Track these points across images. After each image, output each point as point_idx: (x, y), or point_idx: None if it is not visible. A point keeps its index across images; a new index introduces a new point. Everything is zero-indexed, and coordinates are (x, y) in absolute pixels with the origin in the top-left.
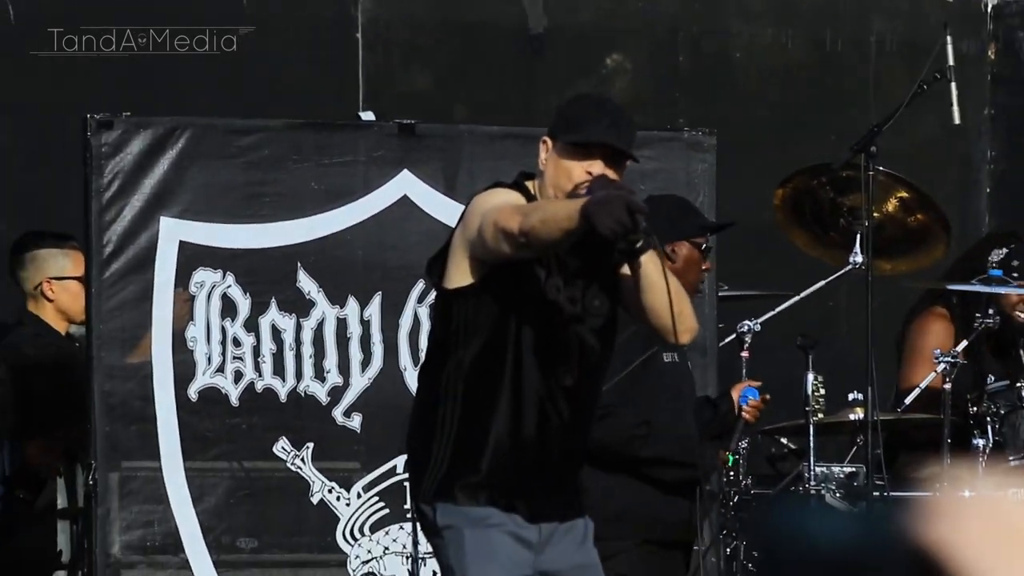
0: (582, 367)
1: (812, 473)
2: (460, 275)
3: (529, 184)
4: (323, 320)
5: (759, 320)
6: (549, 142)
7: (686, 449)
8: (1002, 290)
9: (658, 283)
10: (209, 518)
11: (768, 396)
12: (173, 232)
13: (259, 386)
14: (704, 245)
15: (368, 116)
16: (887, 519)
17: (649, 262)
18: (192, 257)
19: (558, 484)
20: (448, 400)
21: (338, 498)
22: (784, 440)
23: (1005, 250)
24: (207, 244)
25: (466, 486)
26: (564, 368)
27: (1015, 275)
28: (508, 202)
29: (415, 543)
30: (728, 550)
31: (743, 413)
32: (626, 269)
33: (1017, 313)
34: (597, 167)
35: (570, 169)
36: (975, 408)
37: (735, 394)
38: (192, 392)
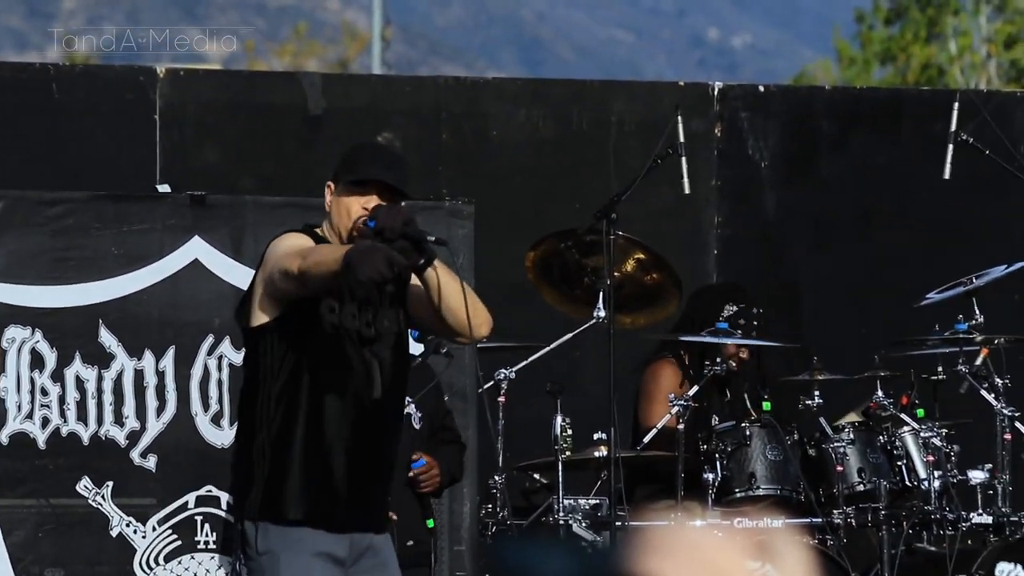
0: (384, 381)
1: (561, 505)
2: (260, 313)
3: (318, 229)
4: (122, 371)
5: (514, 368)
6: (332, 185)
7: None
8: (728, 341)
9: (448, 285)
10: (18, 550)
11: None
12: None
13: (64, 431)
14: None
15: (164, 188)
16: (603, 551)
17: (436, 270)
18: (4, 315)
19: (368, 494)
20: (262, 429)
21: (135, 531)
22: (537, 475)
23: (735, 308)
24: (18, 304)
25: (280, 504)
26: (369, 385)
27: (739, 331)
28: (293, 246)
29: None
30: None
31: (421, 487)
32: (416, 281)
33: (732, 362)
34: (373, 202)
35: (349, 205)
36: (705, 446)
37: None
38: (3, 436)
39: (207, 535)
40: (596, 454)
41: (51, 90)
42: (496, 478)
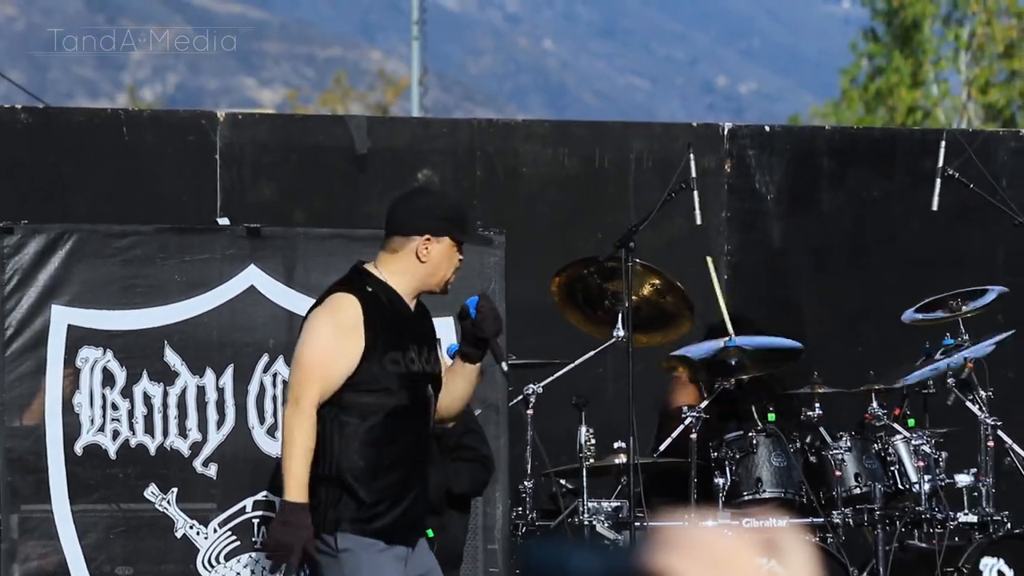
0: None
1: (585, 507)
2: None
3: (368, 266)
4: (185, 388)
5: (541, 384)
6: (432, 237)
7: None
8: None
9: (470, 387)
10: (92, 551)
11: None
12: (62, 317)
13: (133, 442)
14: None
15: (223, 221)
16: (624, 549)
17: (476, 372)
18: (78, 338)
19: (423, 511)
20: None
21: (198, 533)
22: (563, 481)
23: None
24: (90, 327)
25: (359, 521)
26: (425, 419)
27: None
28: (305, 379)
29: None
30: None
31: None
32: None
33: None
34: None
35: (452, 259)
36: (715, 453)
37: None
38: (78, 447)
39: (263, 536)
40: (617, 461)
41: (122, 133)
42: (526, 483)
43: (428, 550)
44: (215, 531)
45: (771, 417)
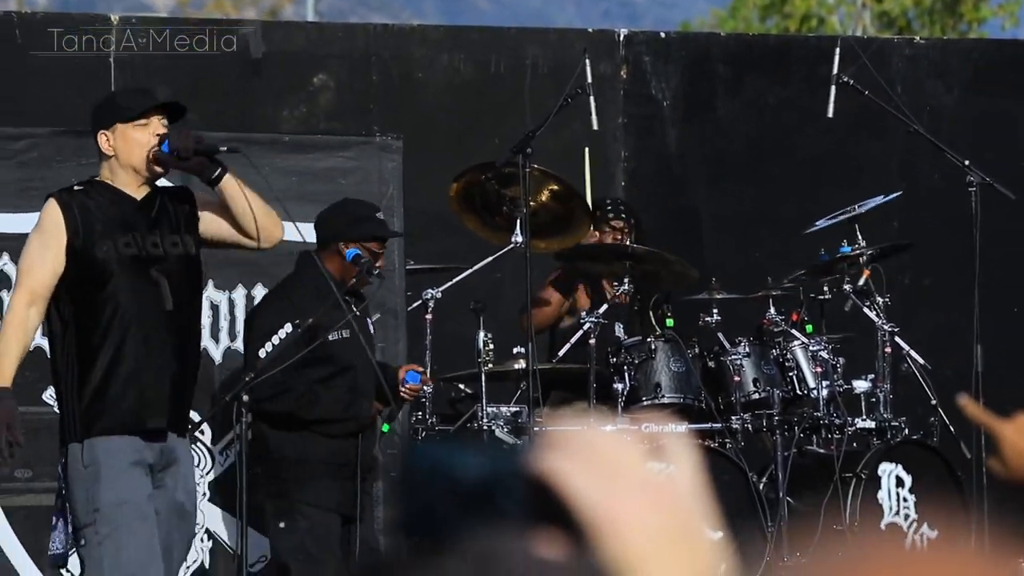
0: (175, 297)
1: (484, 412)
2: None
3: (97, 179)
4: None
5: (440, 289)
6: (108, 133)
7: (346, 407)
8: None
9: (238, 195)
10: None
11: (430, 384)
12: None
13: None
14: (375, 251)
15: None
16: (509, 452)
17: (229, 182)
18: None
19: (173, 398)
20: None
21: None
22: (462, 386)
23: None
24: None
25: (97, 418)
26: (159, 299)
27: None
28: (28, 268)
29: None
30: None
31: (402, 392)
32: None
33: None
34: (159, 130)
35: (137, 139)
36: (614, 359)
37: (401, 373)
38: None
39: None
40: (516, 366)
41: (15, 36)
42: (425, 388)
43: (185, 445)
44: None
45: (669, 323)
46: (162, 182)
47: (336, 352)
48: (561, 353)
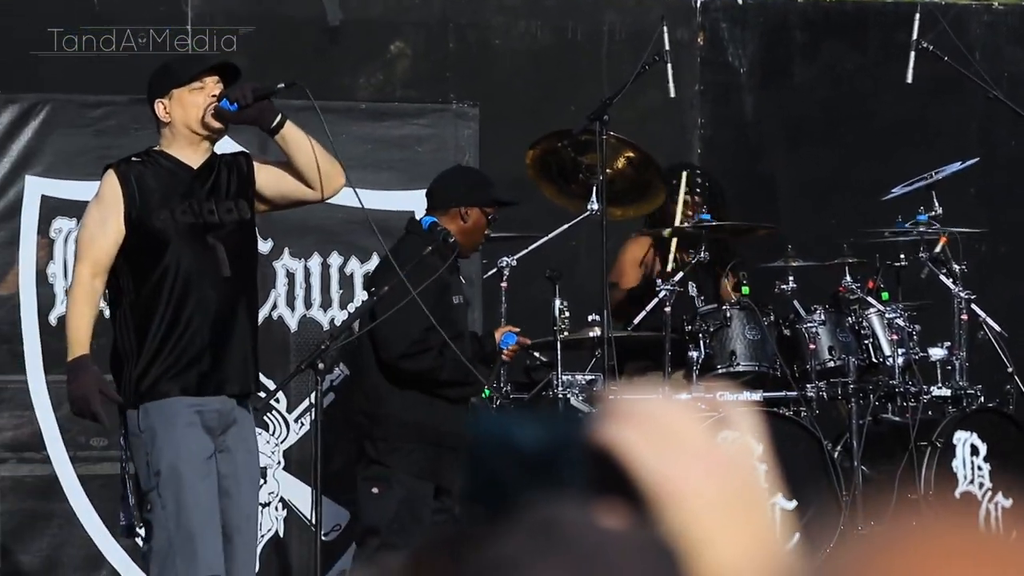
0: (232, 263)
1: (560, 380)
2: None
3: (155, 149)
4: None
5: (516, 256)
6: (164, 101)
7: (468, 372)
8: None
9: (301, 140)
10: (66, 421)
11: (528, 341)
12: (36, 188)
13: (107, 312)
14: (491, 215)
15: None
16: (572, 420)
17: (290, 129)
18: (52, 208)
19: (230, 361)
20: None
21: None
22: (537, 354)
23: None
24: (64, 197)
25: (153, 384)
26: (216, 265)
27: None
28: (90, 238)
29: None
30: None
31: (503, 355)
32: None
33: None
34: (216, 90)
35: (194, 101)
36: (689, 327)
37: (498, 336)
38: (52, 318)
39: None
40: (591, 334)
41: (92, 3)
42: (501, 356)
43: (249, 419)
44: None
45: (745, 290)
46: (221, 148)
47: (457, 317)
48: (636, 320)
